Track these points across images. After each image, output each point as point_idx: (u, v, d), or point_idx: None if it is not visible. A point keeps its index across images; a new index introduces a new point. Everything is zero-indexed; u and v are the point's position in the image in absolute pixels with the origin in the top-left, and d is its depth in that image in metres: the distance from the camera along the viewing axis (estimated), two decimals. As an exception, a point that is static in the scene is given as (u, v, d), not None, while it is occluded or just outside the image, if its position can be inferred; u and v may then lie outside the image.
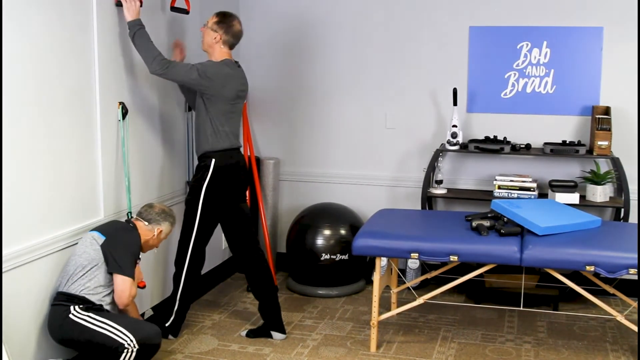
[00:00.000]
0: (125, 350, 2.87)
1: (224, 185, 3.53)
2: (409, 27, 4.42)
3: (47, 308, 2.99)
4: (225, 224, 3.64)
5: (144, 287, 3.20)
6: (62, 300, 2.94)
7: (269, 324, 3.68)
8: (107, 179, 3.36)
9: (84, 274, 2.95)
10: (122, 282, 3.01)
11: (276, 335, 3.66)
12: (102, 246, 2.99)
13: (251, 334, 3.69)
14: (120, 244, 3.04)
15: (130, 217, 3.30)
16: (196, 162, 3.61)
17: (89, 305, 2.94)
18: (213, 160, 3.49)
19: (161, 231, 3.26)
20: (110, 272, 3.02)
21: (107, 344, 2.88)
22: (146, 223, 3.21)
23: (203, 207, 3.51)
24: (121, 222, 3.24)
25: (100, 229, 3.10)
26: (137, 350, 2.88)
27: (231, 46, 3.58)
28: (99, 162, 3.33)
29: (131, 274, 3.03)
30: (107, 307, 3.01)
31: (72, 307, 2.91)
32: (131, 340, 2.88)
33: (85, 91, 3.22)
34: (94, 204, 3.27)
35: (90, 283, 2.95)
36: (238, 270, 4.55)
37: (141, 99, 3.66)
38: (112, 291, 3.03)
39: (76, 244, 3.09)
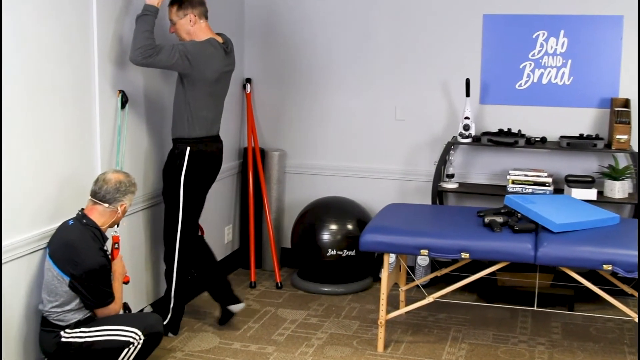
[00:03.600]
0: (131, 345, 2.89)
1: (201, 172, 3.53)
2: (420, 15, 4.39)
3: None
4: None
5: (127, 282, 3.14)
6: (48, 326, 2.90)
7: (223, 301, 3.71)
8: (104, 169, 3.30)
9: (61, 309, 2.88)
10: (105, 310, 2.96)
11: (234, 307, 3.72)
12: (70, 287, 2.85)
13: (219, 322, 3.77)
14: (85, 277, 2.83)
15: (81, 211, 2.97)
16: None
17: (77, 321, 2.91)
18: (188, 148, 3.47)
19: (125, 206, 3.00)
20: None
21: (113, 347, 2.88)
22: (106, 205, 2.95)
23: (185, 198, 3.50)
24: (70, 230, 2.90)
25: (54, 256, 2.86)
26: (144, 341, 2.90)
27: (206, 16, 3.52)
28: (97, 154, 3.31)
29: (112, 299, 2.95)
30: (91, 313, 2.97)
31: (61, 332, 2.88)
32: (136, 334, 2.89)
33: (83, 79, 3.20)
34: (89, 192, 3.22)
35: (69, 315, 2.89)
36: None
37: (142, 88, 3.64)
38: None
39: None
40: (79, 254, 2.84)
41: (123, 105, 3.42)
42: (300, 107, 4.69)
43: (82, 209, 2.98)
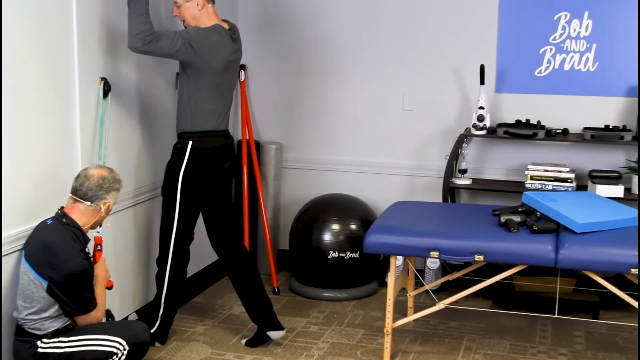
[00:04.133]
0: (115, 356, 2.88)
1: (204, 171, 3.52)
2: (431, -5, 4.39)
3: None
4: (206, 217, 3.64)
5: (111, 287, 3.13)
6: (24, 336, 2.89)
7: (262, 325, 3.66)
8: (85, 164, 3.30)
9: (38, 317, 2.87)
10: (86, 318, 2.95)
11: (273, 334, 3.66)
12: (48, 292, 2.84)
13: (250, 343, 3.69)
14: (65, 282, 2.82)
15: (61, 209, 2.98)
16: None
17: (55, 330, 2.90)
18: (190, 142, 3.47)
19: (108, 204, 3.00)
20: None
21: (94, 358, 2.87)
22: (88, 203, 2.95)
23: (182, 196, 3.50)
24: (48, 230, 2.90)
25: (30, 258, 2.86)
26: (128, 351, 2.90)
27: (213, 0, 3.52)
28: (77, 147, 3.31)
29: (93, 305, 2.95)
30: (71, 322, 2.96)
31: (37, 342, 2.87)
32: (120, 344, 2.88)
33: (62, 65, 3.19)
34: (69, 189, 3.21)
35: (47, 323, 2.89)
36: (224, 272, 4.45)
37: (128, 75, 3.63)
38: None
39: None
40: (58, 256, 2.84)
41: (105, 94, 3.42)
42: (299, 95, 4.67)
43: (62, 208, 2.98)
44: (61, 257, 2.84)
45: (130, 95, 3.68)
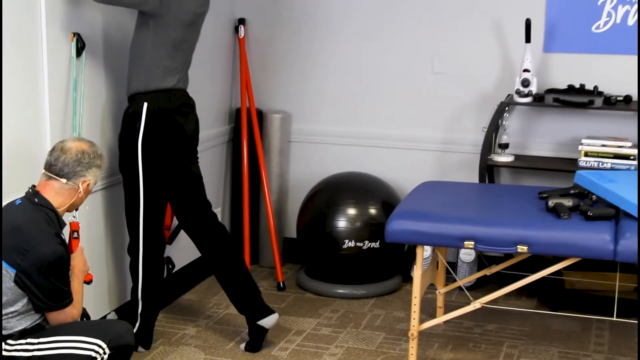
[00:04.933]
0: None
1: (165, 135, 3.53)
2: None
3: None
4: (170, 190, 3.65)
5: (90, 281, 3.14)
6: None
7: (251, 315, 3.68)
8: (56, 135, 3.33)
9: (3, 313, 2.86)
10: (60, 315, 2.94)
11: (266, 322, 3.67)
12: (16, 282, 2.83)
13: (250, 348, 3.72)
14: (37, 270, 2.82)
15: (32, 188, 2.96)
16: None
17: (22, 330, 2.90)
18: (145, 104, 3.48)
19: (88, 183, 3.00)
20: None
21: None
22: (64, 181, 2.94)
23: (145, 170, 3.51)
24: (18, 211, 2.90)
25: None
26: (110, 355, 2.89)
27: None
28: (46, 114, 3.32)
29: (69, 299, 2.94)
30: (41, 321, 2.95)
31: (1, 343, 2.87)
32: (100, 347, 2.87)
33: (27, 18, 3.18)
34: (39, 165, 3.21)
35: (13, 320, 2.88)
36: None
37: (104, 29, 3.63)
38: None
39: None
40: (28, 241, 2.83)
41: (79, 53, 3.42)
42: (308, 56, 4.67)
43: (34, 186, 2.98)
44: (32, 241, 2.83)
45: (109, 54, 3.68)
